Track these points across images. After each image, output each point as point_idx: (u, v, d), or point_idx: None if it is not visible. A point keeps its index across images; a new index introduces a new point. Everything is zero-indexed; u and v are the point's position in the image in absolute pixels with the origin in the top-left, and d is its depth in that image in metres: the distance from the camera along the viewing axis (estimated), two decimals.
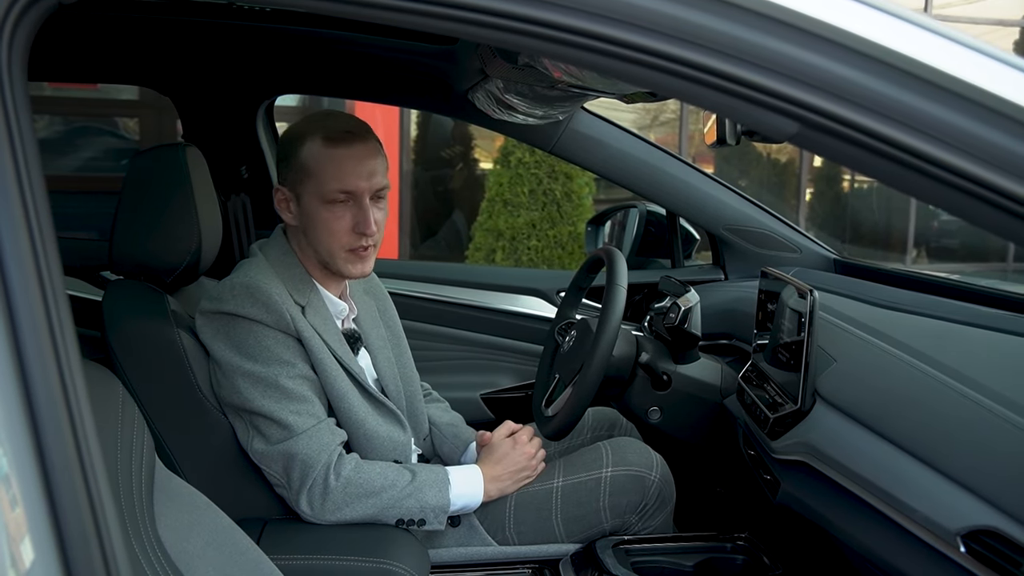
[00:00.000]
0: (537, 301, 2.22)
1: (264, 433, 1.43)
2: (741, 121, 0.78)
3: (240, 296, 1.43)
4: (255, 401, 1.42)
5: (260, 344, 1.42)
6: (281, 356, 1.43)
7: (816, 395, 1.33)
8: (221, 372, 1.44)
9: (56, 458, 0.62)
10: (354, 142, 1.44)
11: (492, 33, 0.72)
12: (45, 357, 0.63)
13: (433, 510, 1.47)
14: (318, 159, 1.43)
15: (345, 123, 1.47)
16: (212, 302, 1.45)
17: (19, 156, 0.65)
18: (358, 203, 1.45)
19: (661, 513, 1.61)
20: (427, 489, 1.47)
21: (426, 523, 1.47)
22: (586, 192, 5.77)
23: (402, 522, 1.46)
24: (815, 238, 2.20)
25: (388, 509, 1.45)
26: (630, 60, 0.74)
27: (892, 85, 0.71)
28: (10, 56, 0.67)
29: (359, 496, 1.43)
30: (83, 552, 0.62)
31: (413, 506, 1.46)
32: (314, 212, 1.46)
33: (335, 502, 1.42)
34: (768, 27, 0.72)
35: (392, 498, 1.44)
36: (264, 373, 1.41)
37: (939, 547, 0.99)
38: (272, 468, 1.44)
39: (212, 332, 1.45)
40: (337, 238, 1.46)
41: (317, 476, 1.41)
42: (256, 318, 1.42)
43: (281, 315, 1.43)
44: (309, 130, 1.45)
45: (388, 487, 1.45)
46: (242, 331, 1.42)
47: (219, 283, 1.49)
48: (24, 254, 0.64)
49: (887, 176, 0.75)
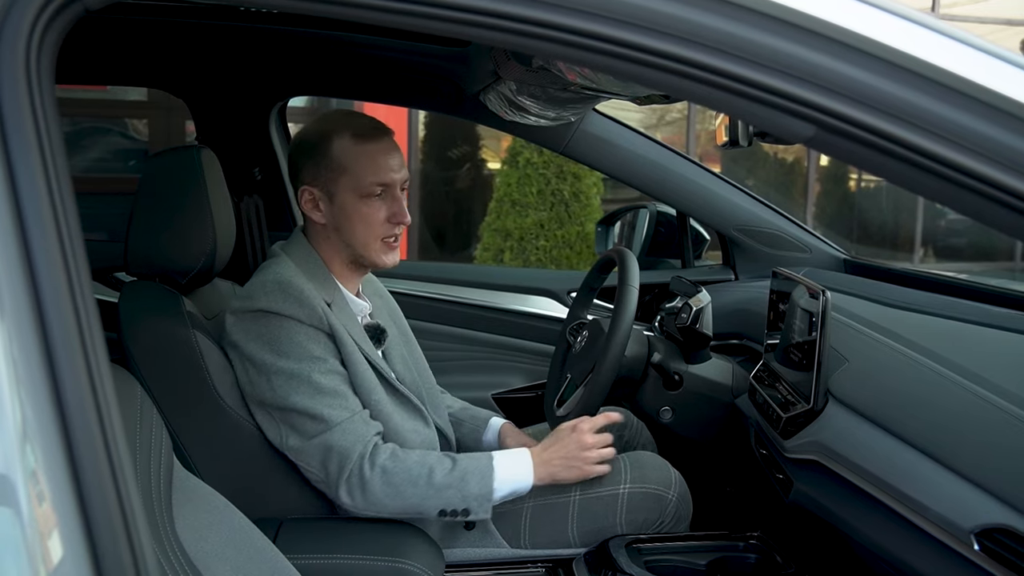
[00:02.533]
0: (548, 301, 2.23)
1: (299, 429, 1.44)
2: (758, 125, 0.79)
3: (273, 293, 1.44)
4: (289, 398, 1.42)
5: (292, 340, 1.43)
6: (313, 352, 1.44)
7: (828, 395, 1.34)
8: (255, 370, 1.45)
9: (85, 455, 0.63)
10: (382, 137, 1.50)
11: (525, 41, 0.72)
12: (74, 355, 0.64)
13: (477, 499, 1.44)
14: (352, 155, 1.48)
15: (368, 120, 1.52)
16: (243, 300, 1.47)
17: (48, 160, 0.67)
18: (392, 194, 1.50)
19: (676, 529, 1.62)
20: (469, 477, 1.44)
21: (470, 512, 1.45)
22: (594, 192, 5.77)
23: (445, 513, 1.44)
24: (825, 238, 2.20)
25: (429, 499, 1.43)
26: (648, 64, 0.74)
27: (908, 88, 0.72)
28: (39, 62, 0.68)
29: (398, 485, 1.42)
30: (112, 548, 0.63)
31: (455, 496, 1.44)
32: (351, 207, 1.49)
33: (374, 492, 1.42)
34: (785, 31, 0.73)
35: (433, 487, 1.43)
36: (297, 369, 1.43)
37: (953, 545, 1.00)
38: (310, 464, 1.45)
39: (243, 330, 1.46)
40: (374, 230, 1.50)
41: (354, 467, 1.42)
42: (289, 314, 1.43)
43: (314, 310, 1.45)
44: (335, 128, 1.49)
45: (427, 476, 1.43)
46: (275, 327, 1.44)
47: (249, 282, 1.50)
48: (54, 255, 0.65)
49: (902, 178, 0.75)
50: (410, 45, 1.89)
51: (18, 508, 0.60)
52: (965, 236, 10.33)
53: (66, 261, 0.66)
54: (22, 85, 0.66)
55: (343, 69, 2.06)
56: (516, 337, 2.20)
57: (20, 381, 0.62)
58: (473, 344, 2.19)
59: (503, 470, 1.47)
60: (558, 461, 1.52)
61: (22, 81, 0.66)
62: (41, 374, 0.62)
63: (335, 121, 1.51)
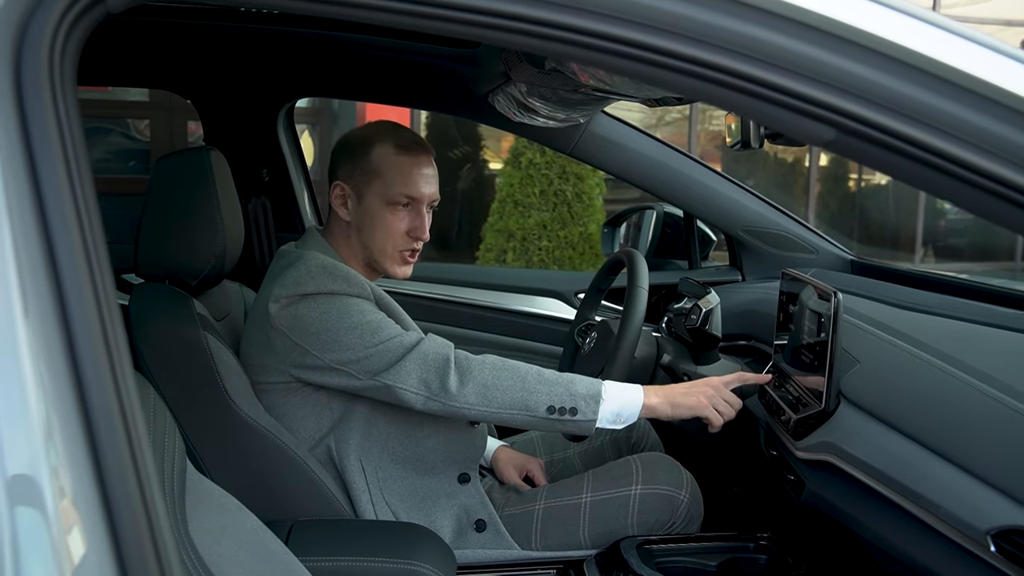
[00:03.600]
0: (554, 302, 2.24)
1: (383, 360, 1.43)
2: (778, 128, 0.79)
3: (320, 276, 1.47)
4: (366, 345, 1.43)
5: (349, 306, 1.46)
6: (373, 309, 1.48)
7: (840, 396, 1.34)
8: (319, 344, 1.45)
9: (110, 455, 0.63)
10: (421, 153, 1.55)
11: (545, 44, 0.72)
12: (98, 357, 0.64)
13: (585, 398, 1.44)
14: (389, 163, 1.53)
15: (412, 135, 1.59)
16: (288, 287, 1.47)
17: (72, 163, 0.67)
18: (417, 209, 1.55)
19: (688, 530, 1.62)
20: (577, 380, 1.46)
21: (578, 412, 1.44)
22: (597, 193, 5.78)
23: (553, 409, 1.43)
24: (831, 239, 2.20)
25: (535, 393, 1.43)
26: (668, 67, 0.74)
27: (928, 91, 0.72)
28: (62, 65, 0.68)
29: (503, 376, 1.43)
30: (137, 551, 0.63)
31: (563, 392, 1.43)
32: (375, 211, 1.53)
33: (482, 379, 1.42)
34: (804, 34, 0.73)
35: (542, 381, 1.44)
36: (368, 320, 1.45)
37: (969, 546, 1.00)
38: (406, 382, 1.43)
39: (294, 314, 1.46)
40: (393, 239, 1.55)
41: (457, 356, 1.44)
42: (342, 291, 1.46)
43: (362, 286, 1.49)
44: (380, 136, 1.55)
45: (536, 372, 1.45)
46: (329, 302, 1.46)
47: (287, 272, 1.49)
48: (77, 257, 0.65)
49: (922, 181, 0.75)
50: (419, 46, 1.89)
51: (43, 507, 0.60)
52: (965, 236, 10.34)
53: (90, 262, 0.66)
54: (46, 89, 0.66)
55: (351, 70, 2.06)
56: (522, 338, 2.20)
57: (44, 382, 0.62)
58: (479, 345, 2.19)
59: (612, 385, 1.48)
60: (678, 389, 1.53)
61: (46, 85, 0.66)
62: (65, 375, 0.62)
63: (382, 130, 1.57)
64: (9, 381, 0.61)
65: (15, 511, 0.60)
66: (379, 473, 1.54)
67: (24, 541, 0.59)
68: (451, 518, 1.58)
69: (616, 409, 1.46)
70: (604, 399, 1.45)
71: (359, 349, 1.44)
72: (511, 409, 1.43)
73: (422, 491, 1.57)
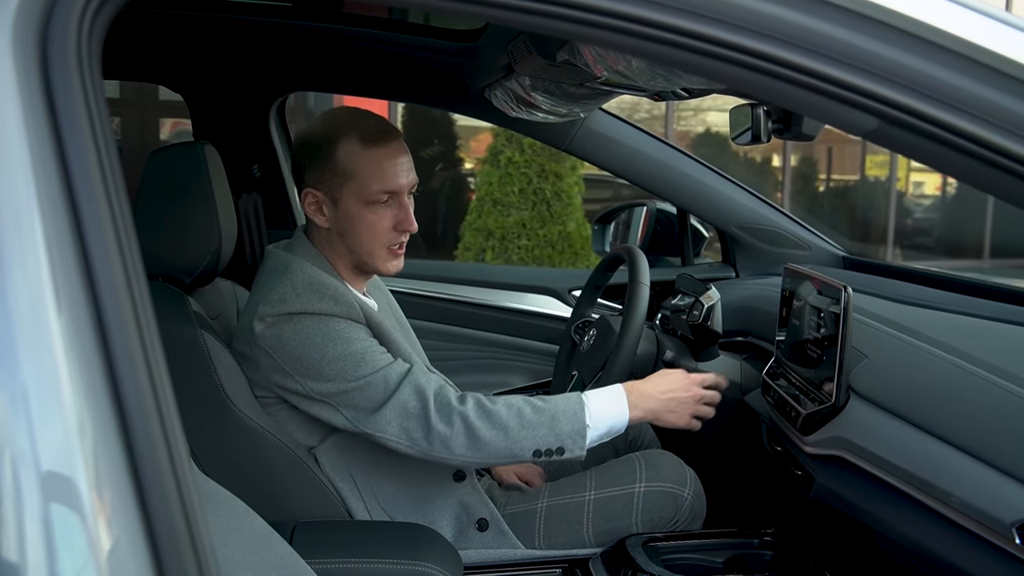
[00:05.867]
0: (549, 300, 2.22)
1: (364, 402, 1.39)
2: (818, 117, 0.78)
3: (305, 294, 1.41)
4: (346, 377, 1.38)
5: (337, 331, 1.40)
6: (360, 335, 1.42)
7: (850, 391, 1.34)
8: (303, 368, 1.40)
9: (144, 449, 0.61)
10: (390, 141, 1.45)
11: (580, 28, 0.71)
12: (132, 350, 0.63)
13: (570, 435, 1.40)
14: (359, 161, 1.43)
15: (377, 123, 1.46)
16: (274, 306, 1.41)
17: (102, 152, 0.64)
18: (399, 201, 1.46)
19: (691, 527, 1.61)
20: (559, 414, 1.40)
21: (565, 450, 1.41)
22: (576, 192, 5.78)
23: (539, 453, 1.40)
24: (824, 235, 2.21)
25: (519, 441, 1.38)
26: (711, 55, 0.73)
27: (977, 81, 0.71)
28: (89, 49, 0.66)
29: (485, 426, 1.38)
30: (171, 540, 0.61)
31: (547, 434, 1.39)
32: (356, 214, 1.45)
33: (465, 429, 1.37)
34: (849, 20, 0.72)
35: (521, 426, 1.39)
36: (348, 352, 1.39)
37: (991, 538, 1.00)
38: (388, 432, 1.39)
39: (278, 335, 1.41)
40: (379, 237, 1.47)
41: (439, 404, 1.38)
42: (328, 312, 1.40)
43: (351, 305, 1.42)
44: (342, 131, 1.43)
45: (517, 416, 1.39)
46: (314, 325, 1.40)
47: (273, 288, 1.43)
48: (110, 247, 0.63)
49: (969, 175, 0.75)
50: (417, 40, 1.86)
51: (78, 503, 0.59)
52: (932, 235, 10.52)
53: (122, 254, 0.63)
54: (74, 74, 0.64)
55: (346, 64, 2.02)
56: (517, 336, 2.18)
57: (78, 377, 0.60)
58: (473, 343, 2.17)
59: (596, 408, 1.43)
60: (654, 396, 1.48)
61: (74, 70, 0.64)
62: (98, 369, 0.61)
63: (342, 123, 1.45)
64: (42, 376, 0.59)
65: (49, 507, 0.58)
66: (370, 478, 1.52)
67: (59, 536, 0.58)
68: (451, 517, 1.56)
69: (603, 431, 1.44)
70: (590, 426, 1.42)
71: (340, 382, 1.39)
72: (498, 458, 1.41)
73: (418, 492, 1.55)
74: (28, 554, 0.57)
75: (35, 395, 0.58)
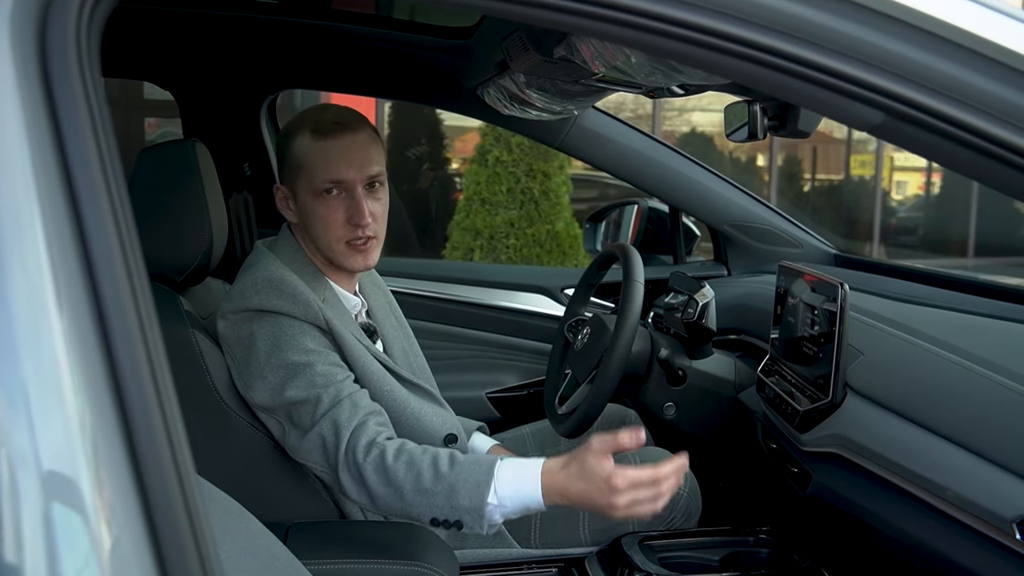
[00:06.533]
0: (542, 298, 2.21)
1: (296, 422, 1.38)
2: (824, 112, 0.78)
3: (264, 290, 1.39)
4: (285, 391, 1.36)
5: (287, 335, 1.38)
6: (308, 345, 1.39)
7: (847, 388, 1.34)
8: (250, 371, 1.40)
9: (146, 447, 0.60)
10: (342, 132, 1.42)
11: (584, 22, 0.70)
12: (135, 350, 0.62)
13: (468, 511, 1.27)
14: (307, 152, 1.42)
15: (335, 115, 1.45)
16: (234, 301, 1.41)
17: (103, 148, 0.63)
18: (350, 194, 1.43)
19: (687, 525, 1.61)
20: (459, 485, 1.27)
21: (463, 525, 1.29)
22: (563, 191, 5.78)
23: (437, 522, 1.30)
24: (815, 233, 2.22)
25: (414, 506, 1.29)
26: (716, 49, 0.73)
27: (983, 76, 0.71)
28: (89, 42, 0.65)
29: (380, 483, 1.30)
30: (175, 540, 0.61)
31: (443, 504, 1.28)
32: (309, 206, 1.44)
33: (358, 483, 1.32)
34: (856, 16, 0.72)
35: (417, 490, 1.28)
36: (293, 361, 1.37)
37: (991, 534, 1.00)
38: (310, 458, 1.37)
39: (235, 332, 1.41)
40: (332, 231, 1.44)
41: (347, 449, 1.32)
42: (284, 311, 1.39)
43: (309, 305, 1.40)
44: (301, 125, 1.44)
45: (412, 477, 1.28)
46: (269, 325, 1.38)
47: (237, 282, 1.45)
48: (111, 244, 0.62)
49: (975, 170, 0.74)
50: (410, 37, 1.85)
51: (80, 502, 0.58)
52: (916, 234, 10.59)
53: (124, 250, 0.62)
54: (74, 68, 0.62)
55: (337, 61, 2.01)
56: (510, 335, 2.17)
57: (79, 375, 0.59)
58: (466, 342, 2.16)
59: (505, 484, 1.27)
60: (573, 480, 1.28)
61: (73, 64, 0.63)
62: (100, 368, 0.60)
63: (304, 118, 1.46)
64: (43, 373, 0.58)
65: (50, 505, 0.57)
66: None
67: (60, 535, 0.57)
68: None
69: (514, 508, 1.27)
70: (493, 504, 1.26)
71: (276, 394, 1.37)
72: (401, 516, 1.34)
73: None
74: (30, 553, 0.56)
75: (36, 393, 0.57)
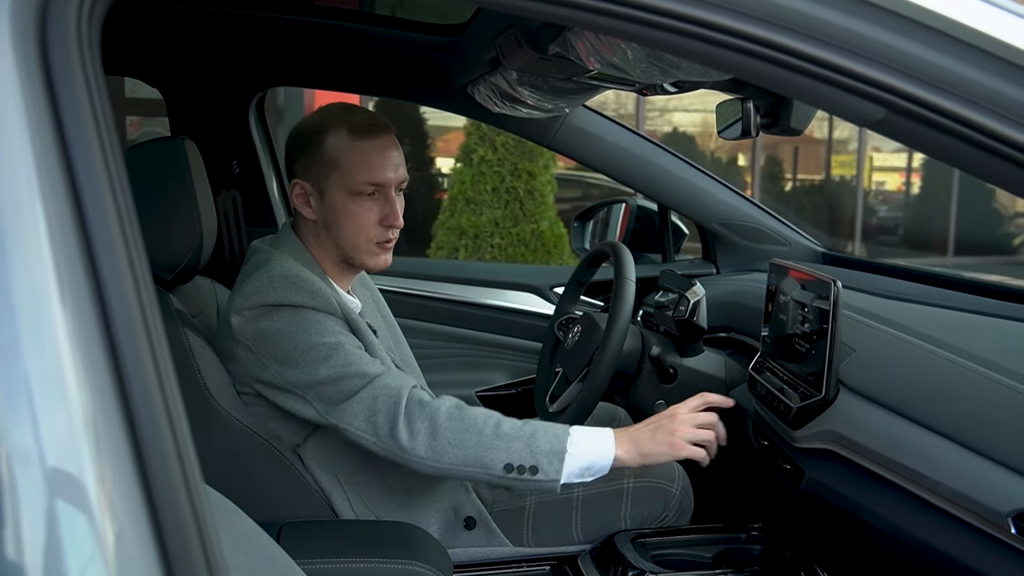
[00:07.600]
0: (531, 297, 2.21)
1: (336, 395, 1.36)
2: (824, 107, 0.78)
3: (282, 287, 1.39)
4: (319, 370, 1.35)
5: (311, 321, 1.38)
6: (335, 328, 1.40)
7: (840, 384, 1.34)
8: (278, 362, 1.38)
9: (150, 442, 0.60)
10: (380, 134, 1.44)
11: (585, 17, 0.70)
12: (139, 344, 0.61)
13: (547, 455, 1.31)
14: (344, 151, 1.42)
15: (367, 116, 1.46)
16: (249, 298, 1.40)
17: (105, 142, 0.63)
18: (385, 195, 1.44)
19: (679, 522, 1.62)
20: (539, 432, 1.34)
21: (539, 470, 1.32)
22: (548, 190, 5.78)
23: (511, 467, 1.32)
24: (803, 232, 2.23)
25: (491, 449, 1.31)
26: (715, 43, 0.73)
27: (986, 71, 0.71)
28: (90, 35, 0.64)
29: (455, 427, 1.32)
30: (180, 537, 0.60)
31: (522, 448, 1.32)
32: (341, 205, 1.43)
33: (433, 430, 1.32)
34: (857, 9, 0.72)
35: (496, 435, 1.32)
36: (323, 343, 1.37)
37: (986, 528, 1.00)
38: (353, 424, 1.35)
39: (255, 328, 1.39)
40: (365, 231, 1.45)
41: (408, 405, 1.33)
42: (304, 304, 1.39)
43: (327, 299, 1.40)
44: (331, 123, 1.43)
45: (494, 425, 1.33)
46: (290, 316, 1.38)
47: (249, 280, 1.42)
48: (115, 239, 0.61)
49: (977, 166, 0.75)
50: (400, 34, 1.84)
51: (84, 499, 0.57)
52: (896, 233, 10.68)
53: (126, 243, 0.62)
54: (75, 62, 0.62)
55: (326, 58, 2.00)
56: (499, 333, 2.17)
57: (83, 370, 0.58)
58: (456, 341, 2.16)
59: (579, 436, 1.35)
60: (642, 430, 1.40)
61: (75, 57, 0.62)
62: (104, 365, 0.59)
63: (332, 115, 1.46)
64: (46, 370, 0.57)
65: (54, 502, 0.57)
66: (355, 477, 1.50)
67: (64, 531, 0.56)
68: (438, 516, 1.54)
69: (585, 463, 1.35)
70: (570, 453, 1.33)
71: (312, 371, 1.36)
72: (464, 466, 1.33)
73: (401, 491, 1.53)
74: (33, 550, 0.55)
75: (38, 388, 0.56)
